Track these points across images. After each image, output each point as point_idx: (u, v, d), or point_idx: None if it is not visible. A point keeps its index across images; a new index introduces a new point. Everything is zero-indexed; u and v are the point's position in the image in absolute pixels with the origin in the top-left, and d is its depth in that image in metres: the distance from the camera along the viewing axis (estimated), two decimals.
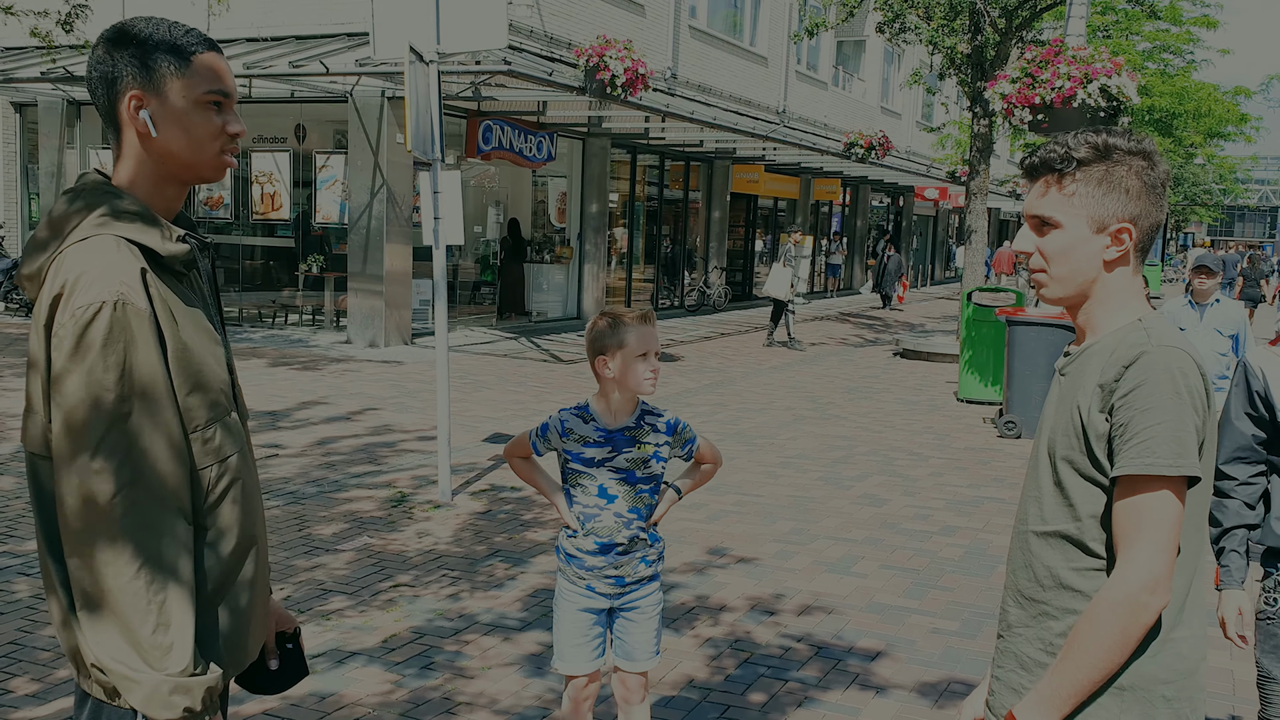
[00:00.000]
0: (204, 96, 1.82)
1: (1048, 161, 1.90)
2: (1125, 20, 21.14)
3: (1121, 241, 1.88)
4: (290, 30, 14.44)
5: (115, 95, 1.80)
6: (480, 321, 17.38)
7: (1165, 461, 1.73)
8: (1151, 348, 1.79)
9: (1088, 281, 1.91)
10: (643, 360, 3.00)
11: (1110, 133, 1.88)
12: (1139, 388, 1.77)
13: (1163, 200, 1.92)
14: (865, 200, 31.12)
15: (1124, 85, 10.08)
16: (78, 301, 1.67)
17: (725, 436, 9.32)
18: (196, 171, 1.86)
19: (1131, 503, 1.77)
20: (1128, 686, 1.82)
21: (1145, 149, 1.88)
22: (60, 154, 16.60)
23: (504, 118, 15.77)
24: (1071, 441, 1.87)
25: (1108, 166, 1.87)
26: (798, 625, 5.04)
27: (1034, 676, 1.92)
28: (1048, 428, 1.94)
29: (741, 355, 15.38)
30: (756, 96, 22.45)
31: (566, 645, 3.16)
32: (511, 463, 3.26)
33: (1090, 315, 1.93)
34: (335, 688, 4.18)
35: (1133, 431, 1.76)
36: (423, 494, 7.04)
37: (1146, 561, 1.74)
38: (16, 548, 5.66)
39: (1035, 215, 1.93)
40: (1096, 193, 1.87)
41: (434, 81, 6.88)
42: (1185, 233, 59.86)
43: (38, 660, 4.33)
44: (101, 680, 1.78)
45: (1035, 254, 1.94)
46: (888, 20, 16.31)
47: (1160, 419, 1.74)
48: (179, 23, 1.84)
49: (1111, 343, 1.86)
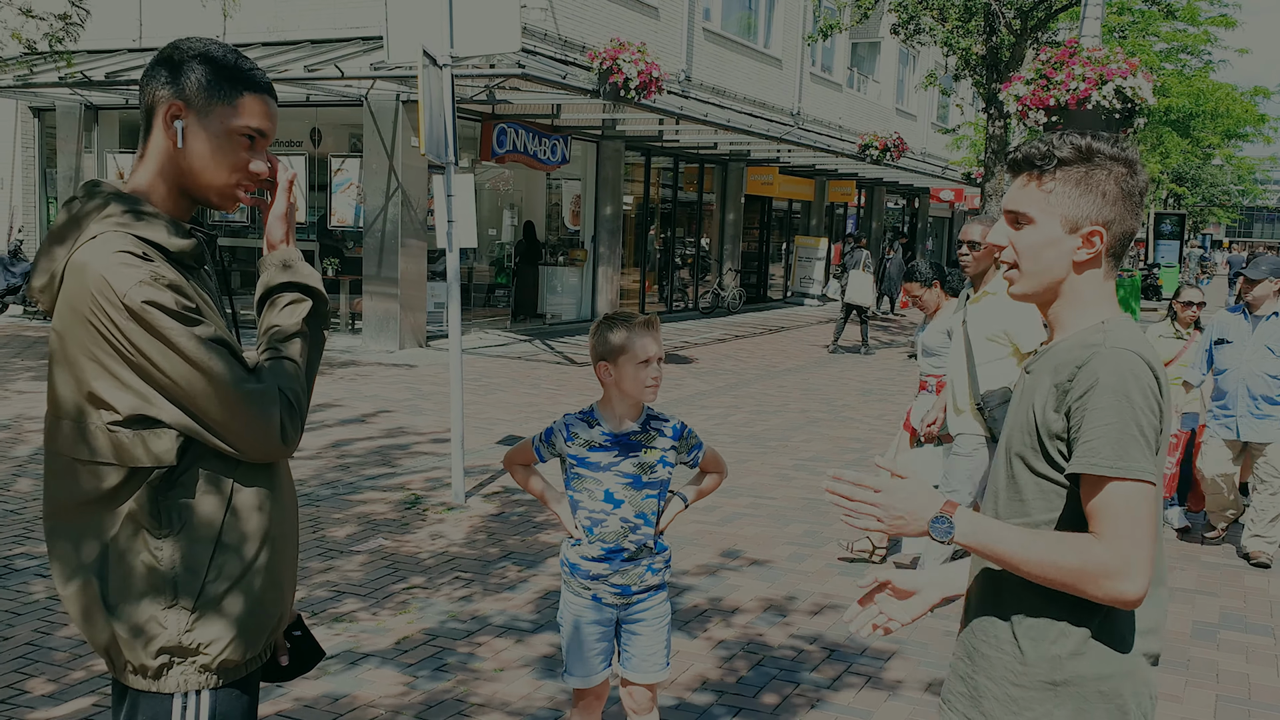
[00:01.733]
0: (240, 128, 1.90)
1: (1030, 158, 1.93)
2: (1142, 21, 21.04)
3: (1093, 244, 1.90)
4: (305, 34, 14.51)
5: (159, 98, 1.88)
6: (494, 324, 17.42)
7: (1106, 462, 1.77)
8: (1105, 349, 1.81)
9: (1056, 280, 1.94)
10: (644, 367, 2.97)
11: (1096, 137, 1.91)
12: (1091, 389, 1.79)
13: (1139, 210, 1.94)
14: (880, 202, 31.04)
15: (1139, 86, 10.03)
16: (120, 288, 1.75)
17: (739, 439, 9.32)
18: (208, 194, 1.94)
19: (1096, 502, 1.80)
20: (1060, 682, 1.87)
21: (1128, 156, 1.91)
22: (78, 158, 16.71)
23: (518, 121, 15.81)
24: (1025, 439, 1.90)
25: (1088, 169, 1.90)
26: (810, 627, 5.03)
27: (975, 667, 1.98)
28: (1009, 425, 1.98)
29: (756, 357, 15.36)
30: (771, 98, 22.43)
31: (574, 658, 3.12)
32: (512, 471, 3.24)
33: (1059, 315, 1.96)
34: (349, 689, 4.19)
35: (1083, 432, 1.79)
36: (436, 496, 7.06)
37: (1117, 552, 1.76)
38: (34, 549, 5.70)
39: (1011, 210, 1.96)
40: (1073, 193, 1.90)
41: (448, 85, 6.90)
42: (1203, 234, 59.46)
43: (54, 661, 4.36)
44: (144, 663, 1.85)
45: (1008, 248, 1.97)
46: (902, 22, 16.29)
47: (1107, 420, 1.77)
48: (248, 58, 1.94)
49: (1075, 341, 1.89)
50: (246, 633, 1.90)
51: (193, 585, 1.85)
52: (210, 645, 1.86)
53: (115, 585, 1.85)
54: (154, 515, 1.83)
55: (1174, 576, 6.04)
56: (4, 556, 5.59)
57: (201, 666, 1.86)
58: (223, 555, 1.87)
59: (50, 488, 1.92)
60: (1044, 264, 1.93)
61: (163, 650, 1.84)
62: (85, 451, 1.82)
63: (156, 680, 1.85)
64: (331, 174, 14.98)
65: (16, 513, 6.37)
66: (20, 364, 12.00)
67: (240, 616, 1.89)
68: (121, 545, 1.84)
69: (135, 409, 1.80)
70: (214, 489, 1.86)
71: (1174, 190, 39.62)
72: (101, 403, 1.80)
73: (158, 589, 1.84)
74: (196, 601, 1.85)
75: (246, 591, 1.89)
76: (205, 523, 1.86)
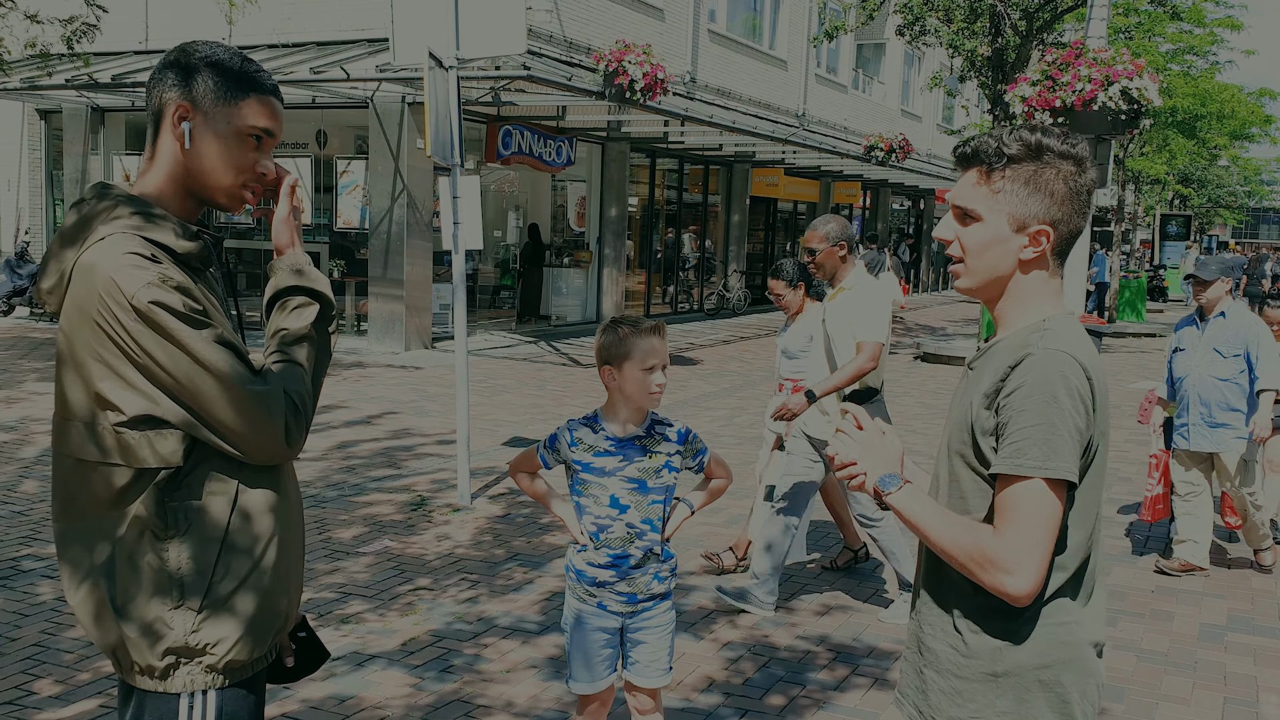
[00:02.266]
0: (246, 129, 1.92)
1: (980, 153, 1.91)
2: (1148, 22, 21.00)
3: (1039, 243, 1.90)
4: (311, 36, 14.54)
5: (166, 100, 1.90)
6: (500, 325, 17.43)
7: (1033, 463, 1.77)
8: (1039, 350, 1.81)
9: (1000, 278, 1.93)
10: (648, 374, 2.94)
11: (1046, 133, 1.89)
12: (1019, 389, 1.80)
13: (1086, 208, 1.93)
14: (886, 203, 31.03)
15: (1145, 87, 10.03)
16: (128, 290, 1.76)
17: (744, 440, 9.31)
18: (216, 195, 1.95)
19: (1004, 497, 1.81)
20: (1001, 674, 1.87)
21: (1077, 154, 1.89)
22: (84, 160, 16.76)
23: (523, 122, 15.82)
24: (963, 435, 1.92)
25: (1037, 167, 1.88)
26: (816, 628, 5.03)
27: (924, 660, 1.98)
28: (950, 422, 1.99)
29: (761, 359, 15.35)
30: (776, 100, 22.44)
31: (579, 664, 3.10)
32: (518, 479, 3.23)
33: (1004, 312, 1.96)
34: (355, 690, 4.20)
35: (1009, 431, 1.80)
36: (442, 498, 7.06)
37: (1008, 548, 1.78)
38: (40, 551, 5.71)
39: (959, 206, 1.95)
40: (1022, 192, 1.89)
41: (453, 87, 6.91)
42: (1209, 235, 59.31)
43: (61, 662, 4.37)
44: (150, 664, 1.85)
45: (954, 243, 1.96)
46: (908, 23, 16.28)
47: (1034, 421, 1.77)
48: (254, 60, 1.95)
49: (1012, 341, 1.90)
50: (253, 633, 1.90)
51: (199, 586, 1.85)
52: (217, 645, 1.86)
53: (123, 586, 1.85)
54: (160, 517, 1.83)
55: (1180, 579, 6.03)
56: (11, 558, 5.60)
57: (208, 667, 1.87)
58: (229, 556, 1.88)
59: (58, 489, 1.93)
60: (989, 261, 1.92)
61: (169, 650, 1.85)
62: (93, 452, 1.83)
63: (163, 680, 1.86)
64: (337, 176, 15.01)
65: (23, 514, 6.38)
66: (27, 366, 12.02)
67: (246, 617, 1.89)
68: (129, 546, 1.85)
69: (142, 410, 1.80)
70: (220, 490, 1.87)
71: (1180, 192, 39.54)
72: (108, 404, 1.81)
73: (164, 590, 1.84)
74: (203, 602, 1.85)
75: (253, 592, 1.90)
76: (212, 524, 1.86)
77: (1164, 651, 4.93)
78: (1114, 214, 25.50)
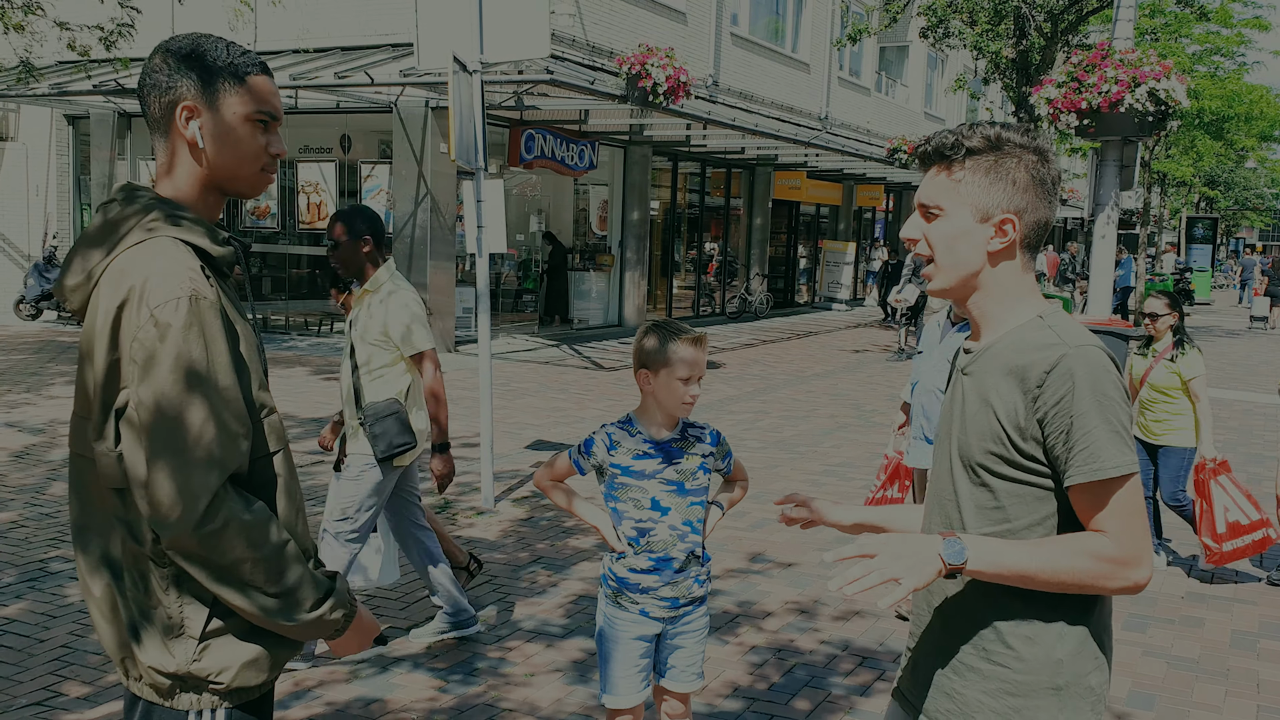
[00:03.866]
0: (253, 115, 1.89)
1: (939, 149, 1.91)
2: (1174, 23, 20.82)
3: (1005, 233, 1.88)
4: (335, 42, 14.61)
5: (168, 104, 1.86)
6: (522, 329, 17.46)
7: (1113, 464, 1.76)
8: (1069, 349, 1.79)
9: (972, 272, 1.91)
10: (684, 384, 2.94)
11: (1006, 127, 1.89)
12: (1069, 394, 1.77)
13: (1053, 199, 1.91)
14: (909, 206, 30.90)
15: (1173, 89, 9.93)
16: (153, 300, 1.72)
17: (767, 444, 9.28)
18: (236, 185, 1.93)
19: (1095, 502, 1.79)
20: (1063, 685, 1.84)
21: (1039, 145, 1.89)
22: (111, 165, 16.90)
23: (546, 126, 15.84)
24: (989, 445, 1.85)
25: (997, 157, 1.88)
26: (841, 633, 5.00)
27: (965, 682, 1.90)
28: (955, 430, 1.92)
29: (784, 362, 15.31)
30: (798, 103, 22.38)
31: (619, 677, 3.05)
32: (546, 489, 3.18)
33: (983, 309, 1.93)
34: (380, 693, 4.20)
35: (1074, 439, 1.77)
36: (466, 500, 7.07)
37: (1126, 544, 1.78)
38: (69, 553, 5.75)
39: (923, 202, 1.94)
40: (983, 182, 1.88)
41: (478, 91, 6.92)
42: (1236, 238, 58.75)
43: (89, 664, 4.40)
44: (155, 681, 1.82)
45: (922, 241, 1.94)
46: (931, 26, 16.19)
47: (1098, 423, 1.76)
48: (235, 43, 1.91)
49: (1016, 340, 1.86)
50: (258, 661, 1.84)
51: (197, 617, 1.80)
52: (220, 674, 1.81)
53: (129, 598, 1.82)
54: (156, 541, 1.77)
55: (1211, 585, 5.96)
56: (39, 559, 5.65)
57: (213, 691, 1.82)
58: None
59: (74, 488, 1.90)
60: (958, 256, 1.90)
61: (172, 675, 1.80)
62: (103, 452, 1.80)
63: (169, 699, 1.82)
64: (361, 180, 15.08)
65: (51, 516, 6.43)
66: (54, 369, 12.13)
67: (249, 647, 1.83)
68: (132, 559, 1.81)
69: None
70: None
71: (1206, 194, 39.19)
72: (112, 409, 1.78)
73: (165, 615, 1.79)
74: (203, 632, 1.80)
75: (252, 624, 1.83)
76: None
77: (1195, 658, 4.88)
78: (1139, 217, 25.30)
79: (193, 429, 1.71)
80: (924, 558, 1.76)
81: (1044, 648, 1.84)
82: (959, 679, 1.91)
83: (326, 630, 1.85)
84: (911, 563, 1.75)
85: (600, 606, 3.12)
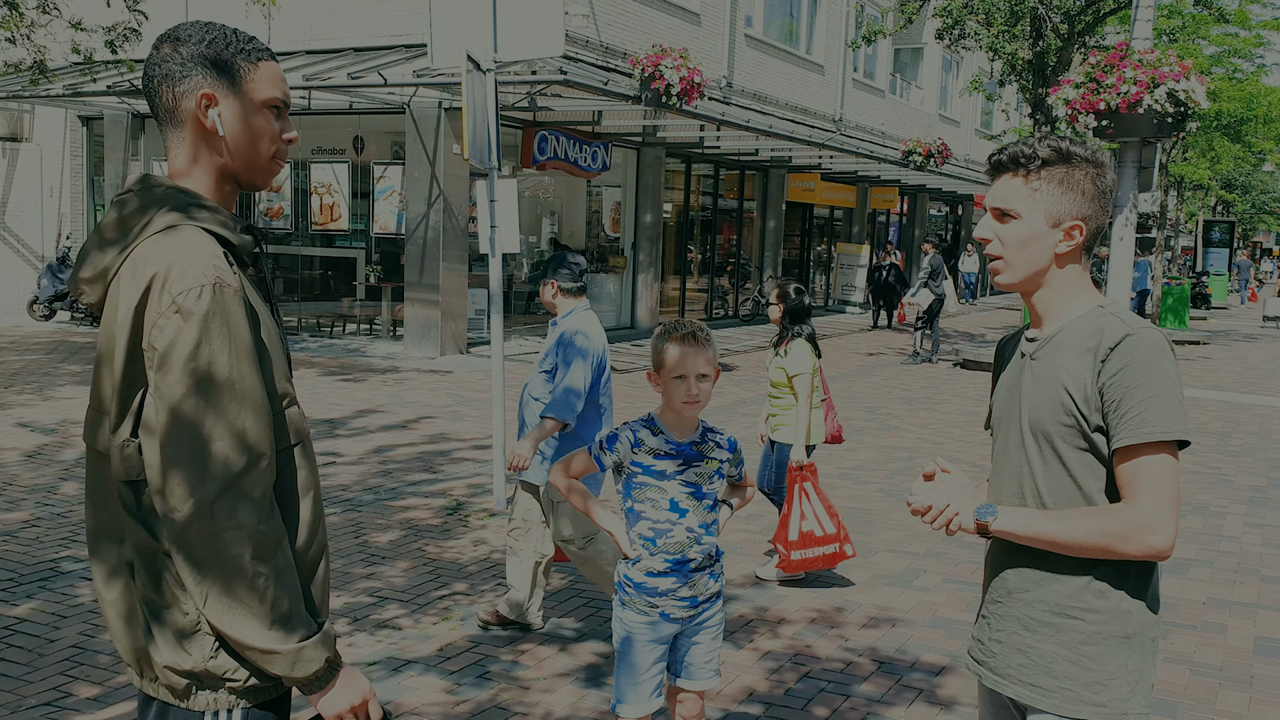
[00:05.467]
0: (267, 101, 1.87)
1: (1015, 158, 2.12)
2: (1192, 24, 20.70)
3: (1073, 237, 2.11)
4: (348, 42, 14.61)
5: (182, 93, 1.82)
6: (534, 330, 17.42)
7: (1160, 429, 1.95)
8: (1133, 330, 2.00)
9: (1039, 270, 2.13)
10: (679, 382, 2.91)
11: (1072, 141, 2.11)
12: (1127, 366, 1.97)
13: (1108, 207, 2.15)
14: (923, 209, 30.79)
15: (1193, 90, 9.84)
16: (176, 288, 1.69)
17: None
18: (251, 173, 1.90)
19: (1132, 466, 1.98)
20: (1131, 634, 2.06)
21: (1099, 159, 2.11)
22: (125, 166, 16.94)
23: (559, 128, 15.81)
24: (1063, 419, 2.05)
25: (1068, 169, 2.10)
26: (860, 639, 4.93)
27: (1039, 637, 2.09)
28: (1026, 409, 2.13)
29: None
30: (813, 105, 22.31)
31: (637, 683, 3.03)
32: (564, 488, 3.13)
33: (1048, 303, 2.15)
34: (391, 696, 4.15)
35: (1125, 406, 1.97)
36: (478, 502, 7.02)
37: (1148, 510, 1.96)
38: (80, 553, 5.72)
39: (998, 207, 2.14)
40: (1056, 191, 2.10)
41: (491, 90, 6.88)
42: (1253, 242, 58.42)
43: (99, 664, 4.36)
44: (171, 682, 1.79)
45: (994, 241, 2.15)
46: (947, 27, 16.12)
47: (1151, 392, 1.96)
48: (241, 30, 1.89)
49: (1083, 328, 2.08)
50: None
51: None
52: (237, 671, 1.77)
53: (145, 599, 1.79)
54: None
55: (1233, 590, 5.87)
56: (51, 559, 5.62)
57: (230, 689, 1.79)
58: None
59: (89, 485, 1.87)
60: (1029, 255, 2.12)
61: (189, 674, 1.77)
62: (120, 444, 1.76)
63: (185, 699, 1.79)
64: (374, 181, 15.07)
65: (63, 516, 6.41)
66: (66, 369, 12.14)
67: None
68: (148, 557, 1.78)
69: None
70: None
71: (1223, 197, 38.97)
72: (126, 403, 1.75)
73: (181, 613, 1.76)
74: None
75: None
76: None
77: (1218, 665, 4.79)
78: (1155, 220, 25.15)
79: (211, 420, 1.68)
80: (969, 507, 2.10)
81: (1115, 600, 2.05)
82: (1032, 634, 2.12)
83: (307, 669, 1.75)
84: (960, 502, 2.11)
85: (616, 613, 3.09)
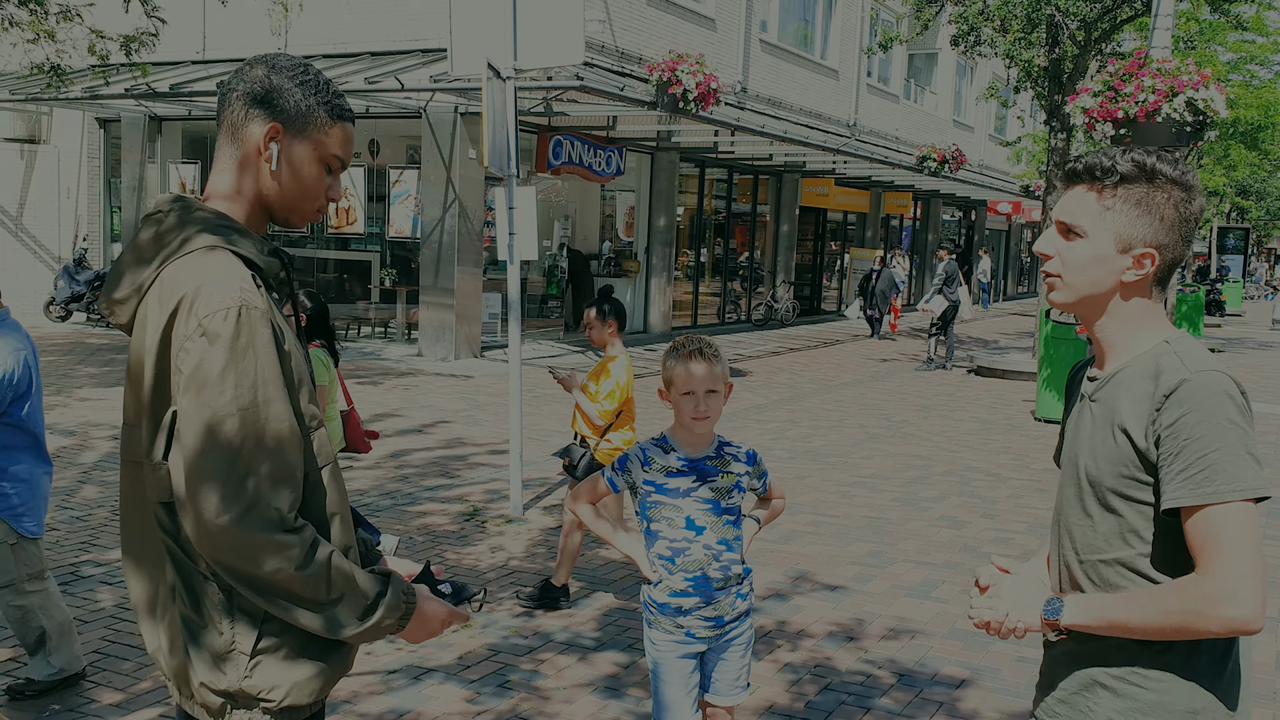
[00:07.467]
0: (330, 156, 1.90)
1: (1091, 170, 1.87)
2: (1209, 31, 20.62)
3: (1143, 266, 1.86)
4: (366, 47, 14.65)
5: (253, 116, 1.84)
6: (548, 335, 17.44)
7: (1227, 487, 1.70)
8: (1190, 374, 1.75)
9: (1100, 295, 1.89)
10: (688, 398, 2.89)
11: (1160, 157, 1.85)
12: (1184, 416, 1.73)
13: (1191, 238, 1.89)
14: (937, 214, 30.72)
15: (1212, 98, 9.79)
16: (203, 310, 1.70)
17: (796, 454, 9.20)
18: (289, 216, 1.93)
19: (1200, 529, 1.72)
20: (1200, 710, 1.80)
21: (1187, 181, 1.85)
22: (141, 168, 17.01)
23: (574, 132, 15.83)
24: (1120, 469, 1.83)
25: (1149, 189, 1.84)
26: (879, 651, 4.92)
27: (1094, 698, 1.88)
28: (1084, 453, 1.91)
29: (811, 371, 15.22)
30: (827, 110, 22.29)
31: (674, 700, 2.99)
32: (580, 512, 3.10)
33: (1109, 336, 1.91)
34: (412, 705, 4.16)
35: (1183, 461, 1.72)
36: (495, 508, 7.03)
37: (1220, 579, 1.69)
38: (100, 556, 5.74)
39: (1064, 221, 1.91)
40: (1132, 213, 1.85)
41: (511, 97, 6.89)
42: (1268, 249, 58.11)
43: (121, 670, 4.37)
44: (206, 700, 1.79)
45: (1055, 257, 1.92)
46: (962, 34, 16.06)
47: (1215, 445, 1.71)
48: (334, 83, 1.93)
49: (1144, 366, 1.83)
50: (309, 681, 1.81)
51: (248, 634, 1.76)
52: (271, 692, 1.78)
53: (181, 615, 1.79)
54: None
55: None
56: (71, 563, 5.64)
57: (264, 709, 1.79)
58: None
59: (125, 507, 1.87)
60: (1088, 279, 1.88)
61: (224, 693, 1.78)
62: (152, 466, 1.77)
63: (220, 718, 1.80)
64: (390, 185, 15.10)
65: (83, 519, 6.43)
66: (84, 371, 12.19)
67: (301, 665, 1.80)
68: (185, 576, 1.78)
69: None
70: None
71: (1238, 204, 38.80)
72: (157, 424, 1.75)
73: (218, 633, 1.77)
74: (254, 649, 1.77)
75: (305, 639, 1.80)
76: None
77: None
78: None
79: (237, 442, 1.68)
80: (1031, 610, 1.90)
81: (1180, 673, 1.81)
82: (1091, 697, 1.90)
83: (381, 635, 1.83)
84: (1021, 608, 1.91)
85: (646, 634, 3.07)
